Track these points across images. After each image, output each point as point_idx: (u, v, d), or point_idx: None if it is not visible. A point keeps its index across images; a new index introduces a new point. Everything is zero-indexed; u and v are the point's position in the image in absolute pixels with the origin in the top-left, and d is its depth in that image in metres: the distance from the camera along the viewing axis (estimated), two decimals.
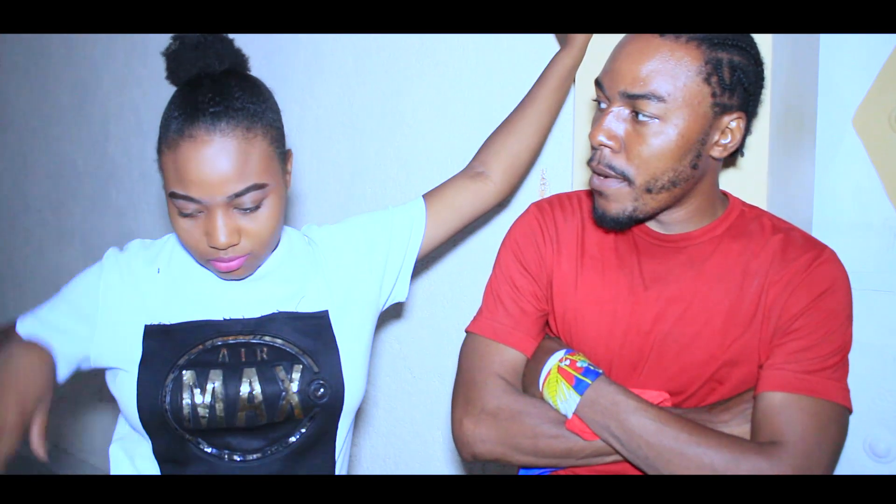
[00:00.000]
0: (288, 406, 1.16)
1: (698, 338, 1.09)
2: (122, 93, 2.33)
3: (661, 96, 1.01)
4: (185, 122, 1.07)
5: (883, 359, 1.48)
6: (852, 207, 1.51)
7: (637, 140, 1.03)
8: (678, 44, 1.01)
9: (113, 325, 1.17)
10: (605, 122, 1.05)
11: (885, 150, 1.48)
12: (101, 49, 2.37)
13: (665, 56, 1.01)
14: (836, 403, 1.02)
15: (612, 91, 1.05)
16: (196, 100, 1.09)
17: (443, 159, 1.70)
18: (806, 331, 1.04)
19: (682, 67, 1.01)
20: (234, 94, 1.11)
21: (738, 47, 1.03)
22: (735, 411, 1.08)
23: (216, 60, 1.14)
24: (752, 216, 1.14)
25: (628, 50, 1.04)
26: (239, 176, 1.08)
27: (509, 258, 1.21)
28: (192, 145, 1.06)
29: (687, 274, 1.10)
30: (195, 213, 1.09)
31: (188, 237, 1.11)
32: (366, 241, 1.31)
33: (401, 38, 1.74)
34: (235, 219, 1.10)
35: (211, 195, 1.07)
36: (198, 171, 1.06)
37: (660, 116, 1.02)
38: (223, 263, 1.12)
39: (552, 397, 1.10)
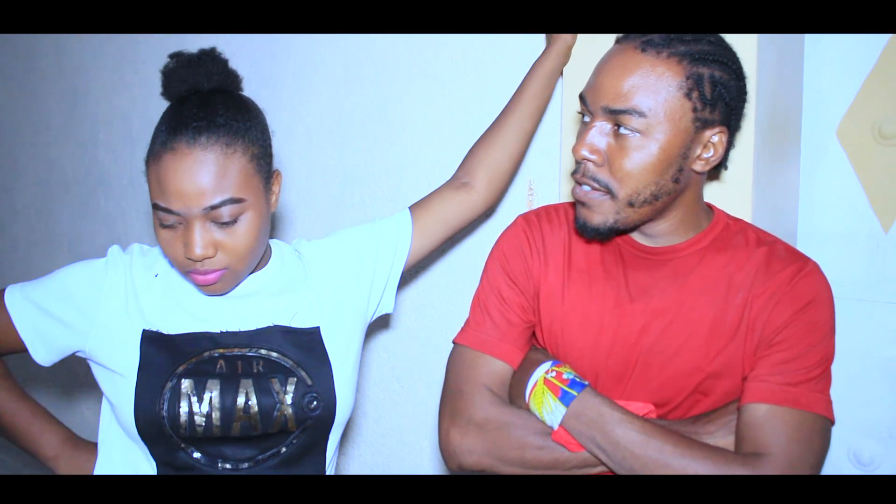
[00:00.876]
0: (282, 418, 1.17)
1: (683, 350, 1.10)
2: (112, 99, 2.33)
3: (643, 111, 1.02)
4: (168, 135, 1.10)
5: (867, 368, 1.49)
6: (836, 218, 1.53)
7: (619, 154, 1.05)
8: (659, 59, 1.03)
9: (113, 324, 1.18)
10: (588, 137, 1.06)
11: (869, 161, 1.49)
12: (90, 56, 2.37)
13: (646, 71, 1.03)
14: (819, 415, 1.03)
15: (595, 106, 1.06)
16: (182, 115, 1.12)
17: (432, 167, 1.71)
18: (789, 343, 1.05)
19: (664, 83, 1.02)
20: (217, 110, 1.13)
21: (720, 62, 1.04)
22: (719, 423, 1.08)
23: (205, 79, 1.16)
24: (737, 229, 1.15)
25: (611, 65, 1.05)
26: (216, 189, 1.10)
27: (496, 270, 1.22)
28: (172, 158, 1.09)
29: (672, 286, 1.11)
30: (175, 225, 1.12)
31: (169, 248, 1.13)
32: (353, 255, 1.32)
33: (390, 46, 1.75)
34: (212, 232, 1.12)
35: (188, 207, 1.09)
36: (176, 183, 1.08)
37: (641, 131, 1.03)
38: (200, 276, 1.14)
39: (538, 409, 1.10)
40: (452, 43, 1.66)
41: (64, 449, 1.27)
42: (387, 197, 1.78)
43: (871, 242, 1.50)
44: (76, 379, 2.50)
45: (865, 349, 1.50)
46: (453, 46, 1.66)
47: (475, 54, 1.64)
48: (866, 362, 1.49)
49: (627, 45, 1.05)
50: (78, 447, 1.28)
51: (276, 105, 1.93)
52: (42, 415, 1.29)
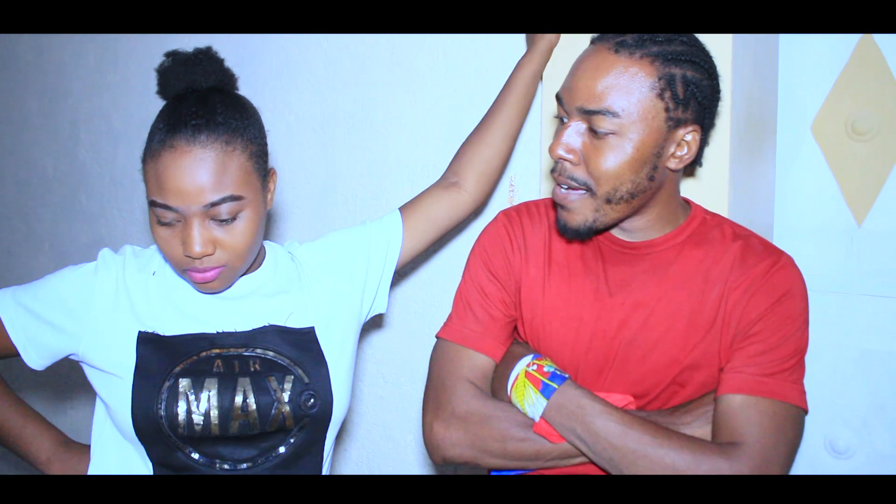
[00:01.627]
0: (280, 416, 1.18)
1: (661, 342, 1.12)
2: (92, 99, 2.32)
3: (616, 112, 1.04)
4: (167, 133, 1.11)
5: (842, 358, 1.51)
6: (811, 212, 1.55)
7: (595, 154, 1.07)
8: (632, 60, 1.04)
9: (105, 327, 1.18)
10: (564, 137, 1.08)
11: (843, 157, 1.52)
12: (71, 54, 2.36)
13: (619, 72, 1.04)
14: (793, 405, 1.06)
15: (570, 106, 1.08)
16: (180, 113, 1.12)
17: (414, 167, 1.72)
18: (764, 335, 1.08)
19: (636, 83, 1.04)
20: (216, 108, 1.14)
21: (692, 62, 1.06)
22: (697, 413, 1.11)
23: (203, 77, 1.17)
24: (714, 224, 1.17)
25: (585, 66, 1.07)
26: (215, 186, 1.10)
27: (478, 265, 1.23)
28: (171, 155, 1.09)
29: (650, 280, 1.14)
30: (173, 223, 1.12)
31: (166, 246, 1.14)
32: (345, 257, 1.33)
33: (372, 45, 1.75)
34: (211, 230, 1.12)
35: (187, 204, 1.09)
36: (176, 180, 1.09)
37: (615, 131, 1.05)
38: (198, 274, 1.14)
39: (520, 401, 1.12)
40: (434, 42, 1.67)
41: (56, 452, 1.27)
42: (371, 195, 1.79)
43: (846, 236, 1.52)
44: (68, 382, 2.49)
45: (840, 340, 1.52)
46: (435, 45, 1.67)
47: (456, 53, 1.65)
48: (841, 353, 1.51)
49: (601, 45, 1.07)
50: (71, 450, 1.28)
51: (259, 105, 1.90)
52: (34, 418, 1.29)
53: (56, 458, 1.27)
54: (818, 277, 1.52)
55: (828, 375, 1.52)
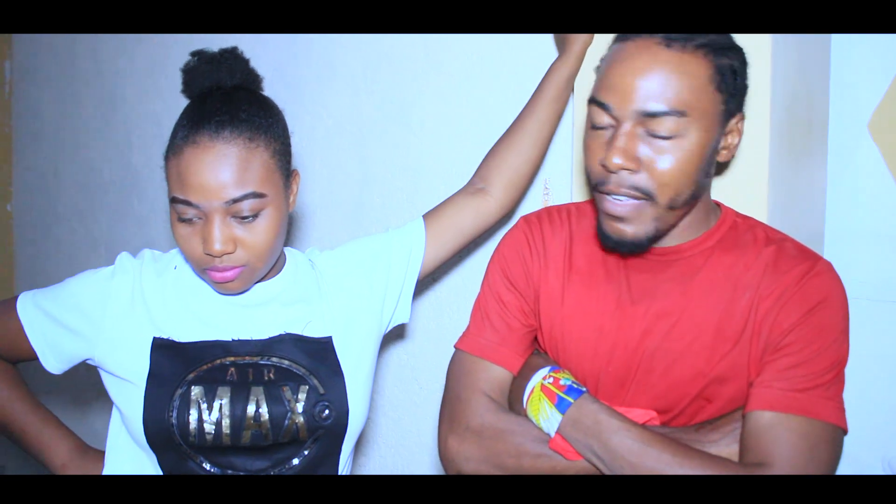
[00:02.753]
0: (293, 427, 1.16)
1: (686, 354, 1.06)
2: (145, 103, 2.37)
3: (680, 111, 0.97)
4: (190, 129, 1.11)
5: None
6: (868, 217, 1.46)
7: (658, 157, 0.99)
8: (686, 53, 0.98)
9: (120, 332, 1.18)
10: (620, 143, 0.99)
11: None
12: (125, 61, 2.42)
13: (676, 67, 0.97)
14: (829, 423, 0.98)
15: (623, 110, 0.99)
16: (204, 109, 1.13)
17: (451, 169, 1.69)
18: (797, 346, 1.01)
19: (696, 78, 0.98)
20: (240, 105, 1.14)
21: (735, 49, 1.01)
22: (724, 430, 1.04)
23: (227, 76, 1.18)
24: (746, 227, 1.10)
25: (635, 65, 0.99)
26: (238, 182, 1.10)
27: (496, 274, 1.20)
28: (194, 151, 1.09)
29: (676, 288, 1.08)
30: (194, 220, 1.11)
31: (185, 243, 1.13)
32: (365, 266, 1.31)
33: (408, 48, 1.74)
34: (232, 227, 1.11)
35: (209, 200, 1.09)
36: (198, 176, 1.08)
37: (679, 131, 0.98)
38: (218, 273, 1.13)
39: (535, 416, 1.08)
40: (470, 44, 1.64)
41: (72, 458, 1.28)
42: (406, 199, 1.77)
43: None
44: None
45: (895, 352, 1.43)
46: (469, 48, 1.65)
47: (492, 55, 1.62)
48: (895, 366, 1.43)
49: (647, 41, 1.00)
50: (86, 456, 1.29)
51: (297, 107, 1.94)
52: (52, 423, 1.30)
53: (72, 463, 1.28)
54: (874, 286, 1.43)
55: (885, 390, 1.43)
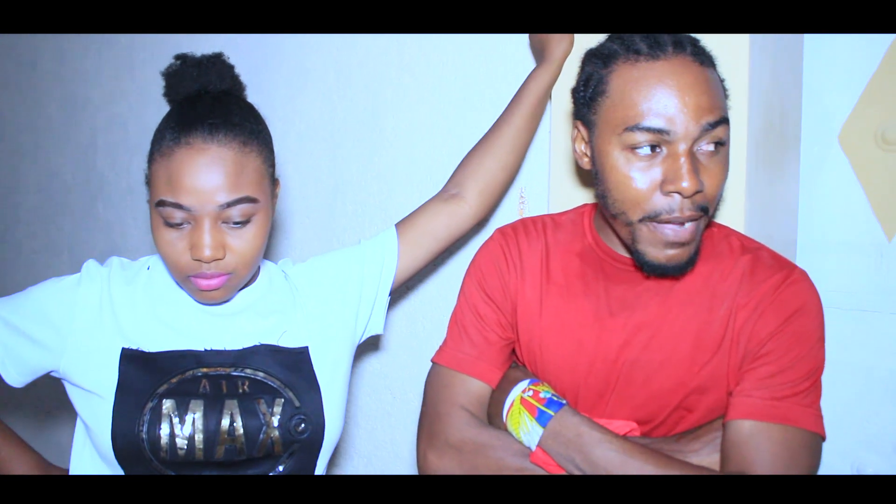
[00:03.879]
0: (268, 441, 1.13)
1: (666, 365, 1.06)
2: (110, 107, 2.32)
3: (727, 116, 1.01)
4: (181, 131, 1.08)
5: (870, 380, 1.45)
6: (838, 226, 1.48)
7: (714, 171, 1.00)
8: (708, 67, 1.01)
9: (87, 343, 1.14)
10: (693, 165, 0.97)
11: (872, 168, 1.44)
12: (90, 63, 2.37)
13: (712, 79, 1.00)
14: (808, 430, 0.99)
15: (691, 127, 0.97)
16: (195, 112, 1.10)
17: (424, 176, 1.68)
18: (775, 355, 1.01)
19: (722, 88, 1.02)
20: (232, 110, 1.12)
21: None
22: (705, 440, 1.05)
23: (217, 79, 1.16)
24: (721, 236, 1.11)
25: (690, 81, 0.97)
26: (232, 186, 1.07)
27: (473, 287, 1.19)
28: (187, 152, 1.06)
29: (654, 299, 1.08)
30: (182, 224, 1.08)
31: (170, 250, 1.09)
32: (339, 277, 1.29)
33: (382, 53, 1.72)
34: (222, 233, 1.09)
35: (202, 203, 1.06)
36: (191, 178, 1.05)
37: (724, 139, 1.01)
38: (204, 280, 1.10)
39: (515, 429, 1.07)
40: (444, 50, 1.63)
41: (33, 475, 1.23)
42: (379, 205, 1.75)
43: (875, 251, 1.45)
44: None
45: (869, 361, 1.45)
46: (445, 53, 1.64)
47: (467, 61, 1.61)
48: (870, 374, 1.44)
49: (682, 58, 0.98)
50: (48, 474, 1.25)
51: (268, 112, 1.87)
52: (10, 439, 1.25)
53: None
54: (845, 295, 1.45)
55: (856, 398, 1.45)
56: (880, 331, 1.44)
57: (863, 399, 1.45)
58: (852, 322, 1.45)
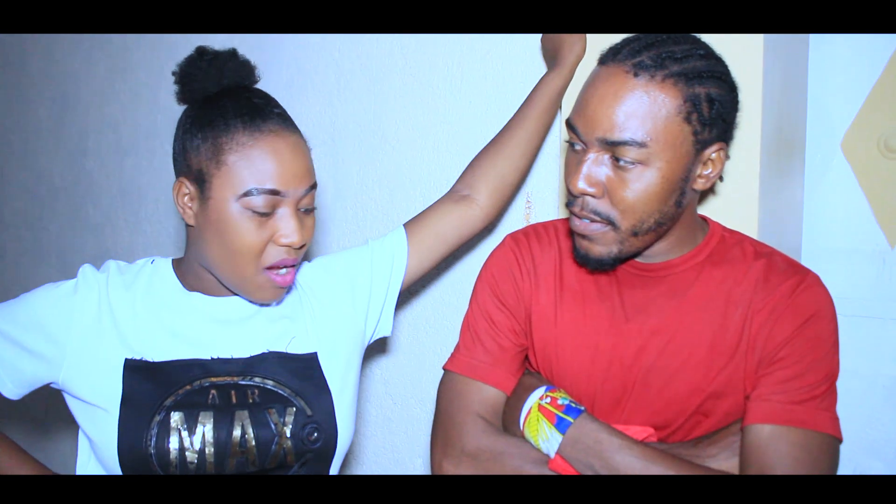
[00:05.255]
0: (281, 451, 1.10)
1: (682, 370, 1.06)
2: (102, 108, 2.29)
3: (641, 142, 0.97)
4: (253, 121, 1.07)
5: (872, 387, 1.46)
6: (841, 233, 1.49)
7: (620, 185, 1.00)
8: (654, 83, 0.97)
9: (87, 353, 1.09)
10: (585, 169, 1.01)
11: (874, 175, 1.46)
12: (81, 63, 2.33)
13: (641, 97, 0.97)
14: (827, 434, 0.99)
15: (589, 136, 1.00)
16: (253, 104, 1.10)
17: (425, 180, 1.67)
18: (792, 359, 1.01)
19: (661, 108, 0.97)
20: (275, 102, 1.14)
21: (715, 77, 1.00)
22: (722, 444, 1.04)
23: (248, 73, 1.15)
24: (734, 241, 1.11)
25: (601, 92, 0.99)
26: (310, 171, 1.11)
27: (485, 293, 1.17)
28: (273, 140, 1.07)
29: (669, 304, 1.08)
30: (269, 213, 1.07)
31: (252, 240, 1.07)
32: (347, 279, 1.27)
33: (383, 57, 1.71)
34: (301, 220, 1.10)
35: (295, 187, 1.07)
36: (283, 164, 1.06)
37: (641, 161, 0.98)
38: (280, 277, 1.10)
39: (533, 437, 1.06)
40: (448, 53, 1.63)
41: None
42: (380, 209, 1.74)
43: (877, 258, 1.46)
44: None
45: (871, 367, 1.46)
46: (449, 57, 1.63)
47: (471, 65, 1.60)
48: (872, 381, 1.45)
49: (616, 68, 0.99)
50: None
51: None
52: (11, 450, 1.18)
53: None
54: (848, 301, 1.46)
55: (857, 404, 1.46)
56: (883, 337, 1.45)
57: (865, 405, 1.46)
58: (854, 328, 1.46)
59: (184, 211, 1.12)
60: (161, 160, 2.15)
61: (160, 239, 2.17)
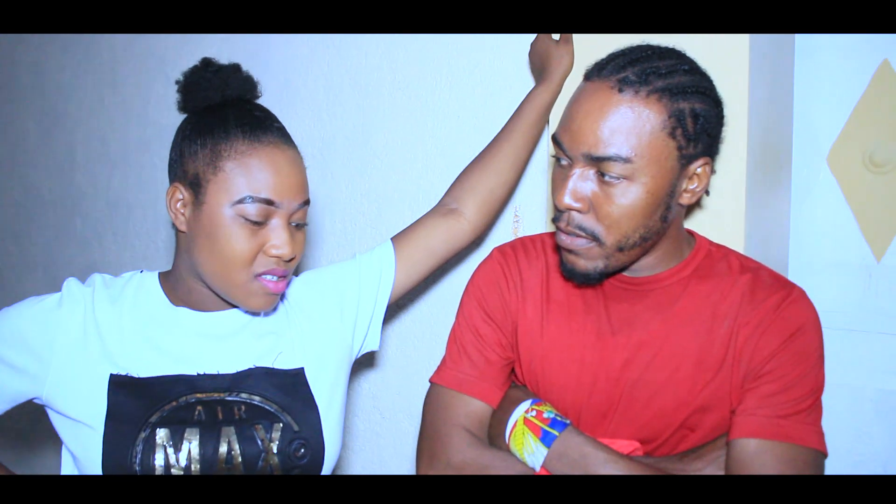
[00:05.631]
0: (268, 468, 1.09)
1: (668, 383, 1.06)
2: (90, 121, 2.28)
3: (626, 157, 0.97)
4: (253, 131, 1.09)
5: (860, 400, 1.46)
6: (827, 246, 1.49)
7: (605, 201, 1.00)
8: (638, 98, 0.98)
9: (72, 369, 1.08)
10: (570, 184, 1.01)
11: (860, 189, 1.46)
12: (69, 76, 2.33)
13: (625, 113, 0.98)
14: (812, 448, 1.00)
15: (574, 152, 1.01)
16: (254, 115, 1.12)
17: (414, 194, 1.67)
18: (778, 373, 1.02)
19: (646, 124, 0.98)
20: (275, 117, 1.15)
21: (699, 93, 1.00)
22: (708, 459, 1.05)
23: (251, 87, 1.17)
24: (720, 256, 1.11)
25: (586, 108, 1.00)
26: (305, 187, 1.12)
27: (472, 306, 1.17)
28: (272, 151, 1.08)
29: (655, 318, 1.08)
30: (262, 223, 1.08)
31: (242, 247, 1.07)
32: (335, 293, 1.27)
33: (372, 72, 1.71)
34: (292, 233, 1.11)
35: (290, 199, 1.08)
36: (280, 175, 1.08)
37: (626, 176, 0.98)
38: (273, 283, 1.10)
39: (519, 450, 1.06)
40: (436, 65, 1.63)
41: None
42: (370, 224, 1.74)
43: (864, 272, 1.47)
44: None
45: (858, 381, 1.46)
46: (435, 72, 1.63)
47: (458, 81, 1.61)
48: (859, 394, 1.46)
49: (601, 83, 1.00)
50: None
51: None
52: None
53: None
54: (835, 315, 1.46)
55: (844, 418, 1.45)
56: (870, 350, 1.45)
57: (852, 419, 1.46)
58: (841, 342, 1.46)
59: (176, 216, 1.12)
60: (150, 173, 2.15)
61: (148, 252, 2.16)
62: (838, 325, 1.46)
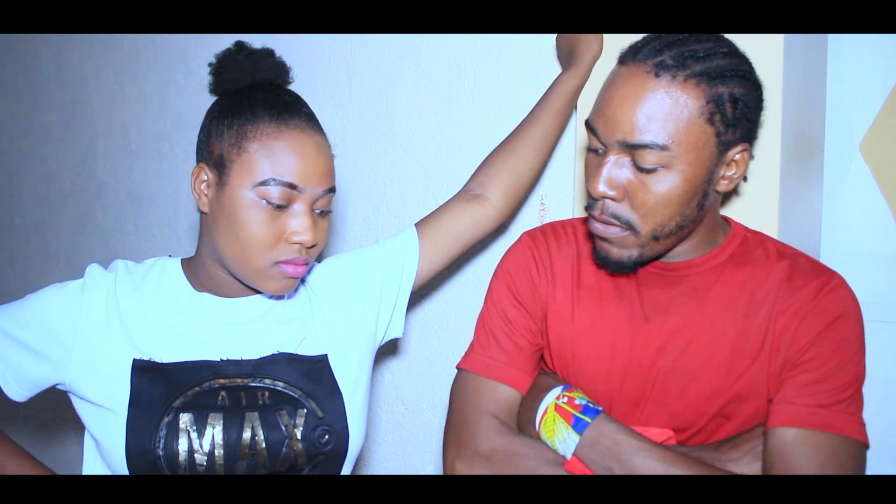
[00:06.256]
0: (291, 454, 1.08)
1: (703, 371, 1.03)
2: (111, 112, 2.28)
3: (663, 144, 0.94)
4: (280, 115, 1.08)
5: (892, 393, 1.42)
6: (860, 236, 1.46)
7: (641, 189, 0.97)
8: (675, 83, 0.94)
9: (95, 354, 1.08)
10: (605, 171, 0.98)
11: (894, 177, 1.43)
12: (90, 67, 2.33)
13: (662, 99, 0.94)
14: (853, 439, 0.97)
15: (609, 139, 0.98)
16: (283, 100, 1.11)
17: (437, 182, 1.65)
18: (818, 362, 0.99)
19: (683, 110, 0.94)
20: (305, 103, 1.14)
21: (738, 76, 0.97)
22: (744, 448, 1.02)
23: (283, 72, 1.17)
24: (756, 242, 1.09)
25: (621, 94, 0.97)
26: (331, 174, 1.10)
27: (502, 291, 1.15)
28: (299, 135, 1.07)
29: (689, 304, 1.05)
30: (282, 207, 1.06)
31: (262, 231, 1.06)
32: (358, 280, 1.25)
33: (395, 59, 1.70)
34: (315, 220, 1.09)
35: (313, 185, 1.07)
36: (306, 160, 1.06)
37: (663, 164, 0.95)
38: (292, 267, 1.08)
39: (550, 437, 1.04)
40: (461, 55, 1.61)
41: None
42: (392, 212, 1.72)
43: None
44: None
45: (889, 373, 1.43)
46: (459, 59, 1.61)
47: (481, 68, 1.59)
48: (891, 387, 1.42)
49: (637, 68, 0.97)
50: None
51: None
52: (15, 453, 1.15)
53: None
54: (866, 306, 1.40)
55: (876, 411, 1.42)
56: None
57: (884, 412, 1.43)
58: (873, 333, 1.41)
59: (199, 197, 1.11)
60: (171, 164, 2.14)
61: (170, 242, 2.16)
62: (870, 317, 1.42)
